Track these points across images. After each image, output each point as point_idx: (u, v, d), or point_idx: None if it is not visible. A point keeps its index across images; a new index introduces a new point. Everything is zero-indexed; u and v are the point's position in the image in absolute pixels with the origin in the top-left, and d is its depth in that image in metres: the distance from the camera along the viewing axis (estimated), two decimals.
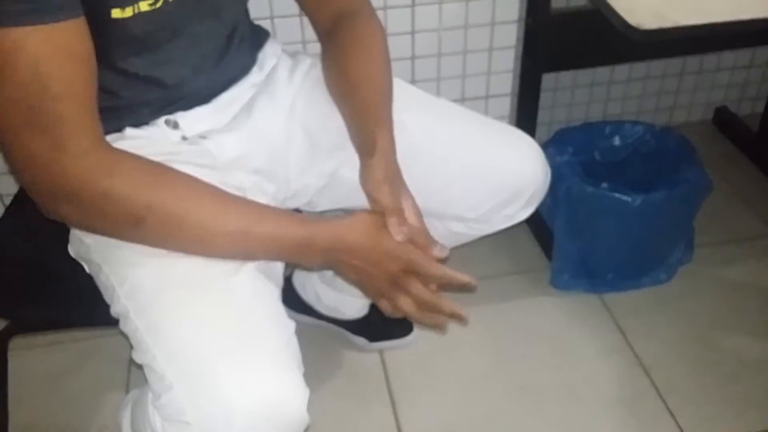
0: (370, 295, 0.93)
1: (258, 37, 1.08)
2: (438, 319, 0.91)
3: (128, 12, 0.80)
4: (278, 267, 0.91)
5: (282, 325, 0.83)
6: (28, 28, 0.69)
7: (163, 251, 0.82)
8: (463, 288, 0.89)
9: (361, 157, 0.96)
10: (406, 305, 0.89)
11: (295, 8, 1.40)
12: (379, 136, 0.94)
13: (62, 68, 0.72)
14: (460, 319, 0.91)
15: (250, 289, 0.83)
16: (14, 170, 0.78)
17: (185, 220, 0.79)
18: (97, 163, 0.76)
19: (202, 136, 0.98)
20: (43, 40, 0.70)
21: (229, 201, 0.83)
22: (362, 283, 0.91)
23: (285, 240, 0.83)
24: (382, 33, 1.05)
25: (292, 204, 1.10)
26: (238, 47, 1.00)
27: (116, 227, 0.81)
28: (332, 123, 1.04)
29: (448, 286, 0.89)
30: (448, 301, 0.89)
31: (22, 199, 1.14)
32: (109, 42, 0.82)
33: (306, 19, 1.40)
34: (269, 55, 1.08)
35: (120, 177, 0.77)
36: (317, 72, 1.08)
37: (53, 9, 0.70)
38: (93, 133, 0.77)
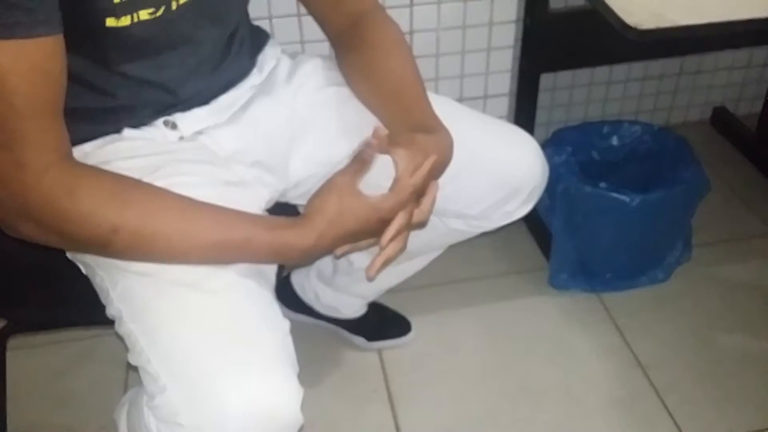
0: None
1: (258, 39, 1.08)
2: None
3: (124, 21, 0.79)
4: (270, 266, 0.90)
5: (275, 325, 0.82)
6: (0, 42, 0.67)
7: None
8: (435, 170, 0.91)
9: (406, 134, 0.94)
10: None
11: (293, 8, 1.40)
12: (434, 125, 0.95)
13: (31, 85, 0.71)
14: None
15: (242, 290, 0.82)
16: None
17: (153, 239, 0.78)
18: (58, 182, 0.74)
19: (199, 133, 0.97)
20: (14, 55, 0.68)
21: (198, 213, 0.81)
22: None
23: (256, 249, 0.82)
24: (401, 31, 1.05)
25: (292, 194, 1.09)
26: (238, 50, 1.00)
27: (82, 247, 0.80)
28: (333, 114, 1.04)
29: (424, 186, 0.90)
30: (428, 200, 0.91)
31: None
32: (105, 47, 0.82)
33: (304, 19, 1.40)
34: (269, 57, 1.07)
35: (82, 198, 0.75)
36: (322, 74, 1.07)
37: (30, 24, 0.68)
38: (56, 151, 0.75)
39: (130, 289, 0.82)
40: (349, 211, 0.85)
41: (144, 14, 0.80)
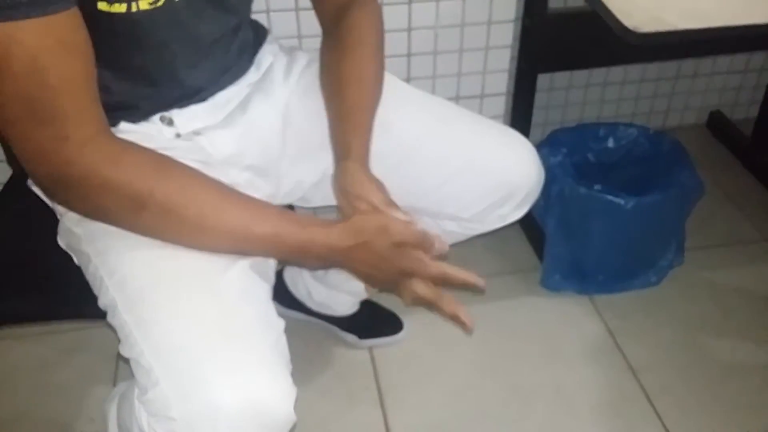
0: (376, 288, 0.93)
1: (257, 36, 1.08)
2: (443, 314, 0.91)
3: (118, 8, 0.79)
4: (270, 265, 0.90)
5: (271, 323, 0.82)
6: (23, 22, 0.68)
7: (155, 243, 0.82)
8: (469, 288, 0.88)
9: (337, 160, 0.96)
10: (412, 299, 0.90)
11: (291, 2, 1.40)
12: (354, 142, 0.94)
13: (59, 60, 0.72)
14: (463, 325, 0.89)
15: (240, 287, 0.82)
16: (19, 159, 0.77)
17: (186, 210, 0.79)
18: (101, 151, 0.76)
19: (196, 133, 0.97)
20: (39, 33, 0.69)
21: (231, 196, 0.83)
22: (366, 281, 0.91)
23: (283, 243, 0.83)
24: (378, 26, 1.05)
25: (285, 200, 1.09)
26: (239, 45, 1.00)
27: (117, 214, 0.80)
28: (324, 121, 1.03)
29: (450, 283, 0.88)
30: (449, 303, 0.88)
31: (12, 189, 1.13)
32: (101, 35, 0.81)
33: (302, 14, 1.40)
34: (266, 53, 1.07)
35: (124, 165, 0.77)
36: (313, 69, 1.08)
37: (45, 2, 0.69)
38: (96, 122, 0.77)
39: (127, 278, 0.82)
40: (380, 254, 0.85)
41: (144, 3, 0.80)
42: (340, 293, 1.40)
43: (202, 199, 0.80)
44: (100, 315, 0.87)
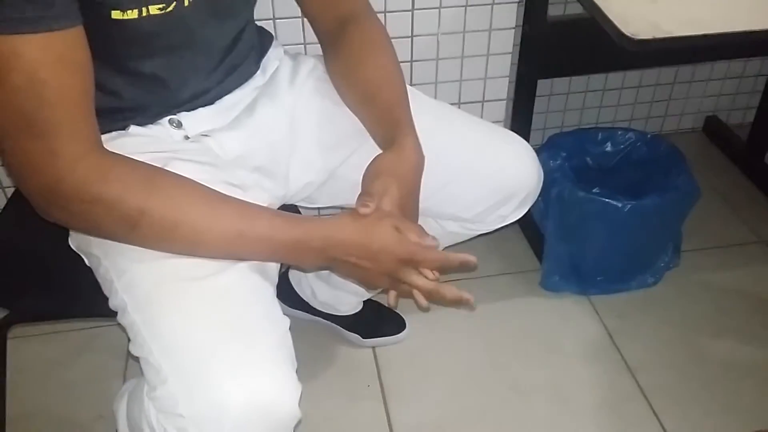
0: (371, 289, 0.94)
1: (262, 41, 1.09)
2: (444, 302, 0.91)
3: (131, 14, 0.80)
4: (273, 265, 0.92)
5: (276, 321, 0.84)
6: (26, 36, 0.69)
7: None
8: (464, 266, 0.89)
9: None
10: (409, 293, 0.90)
11: (296, 10, 1.40)
12: (397, 135, 0.95)
13: (58, 76, 0.73)
14: (467, 303, 0.90)
15: (246, 286, 0.84)
16: (10, 173, 0.78)
17: (178, 224, 0.80)
18: (91, 169, 0.76)
19: (205, 135, 0.99)
20: (41, 48, 0.71)
21: (223, 204, 0.83)
22: (362, 280, 0.91)
23: (278, 241, 0.84)
24: (388, 35, 1.07)
25: (291, 200, 1.11)
26: (244, 50, 1.02)
27: (109, 232, 0.82)
28: (333, 121, 1.05)
29: (448, 268, 0.88)
30: (450, 288, 0.89)
31: None
32: (114, 42, 0.83)
33: (307, 22, 1.42)
34: (272, 58, 1.09)
35: (113, 183, 0.77)
36: (319, 73, 1.09)
37: (52, 17, 0.71)
38: (88, 140, 0.77)
39: (136, 279, 0.84)
40: (378, 243, 0.85)
41: (154, 9, 0.82)
42: (344, 293, 1.41)
43: (193, 211, 0.80)
44: (111, 314, 0.88)
